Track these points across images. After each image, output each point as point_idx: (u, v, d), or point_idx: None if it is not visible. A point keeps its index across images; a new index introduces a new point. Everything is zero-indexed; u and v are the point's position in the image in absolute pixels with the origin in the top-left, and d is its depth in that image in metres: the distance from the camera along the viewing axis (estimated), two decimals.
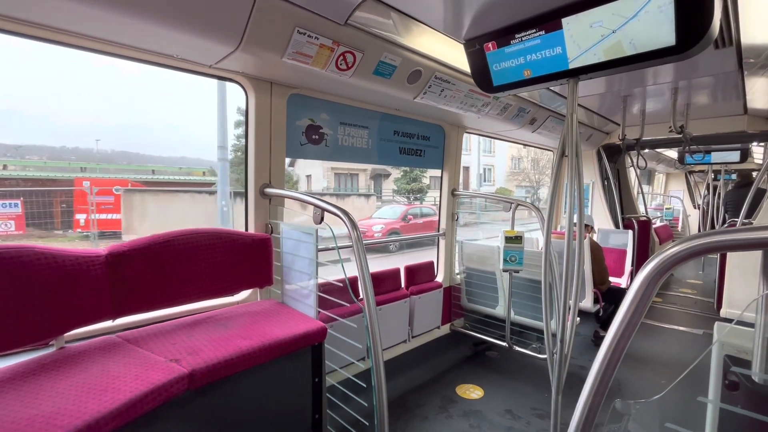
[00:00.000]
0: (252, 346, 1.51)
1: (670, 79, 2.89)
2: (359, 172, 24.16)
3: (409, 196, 23.07)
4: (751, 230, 0.68)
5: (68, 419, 1.03)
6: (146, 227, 9.88)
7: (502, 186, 31.61)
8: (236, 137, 19.46)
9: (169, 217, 10.30)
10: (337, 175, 23.53)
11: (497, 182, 32.05)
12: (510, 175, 32.69)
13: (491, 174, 32.13)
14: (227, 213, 6.81)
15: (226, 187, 6.63)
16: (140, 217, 10.21)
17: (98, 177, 13.13)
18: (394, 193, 24.02)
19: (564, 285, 1.71)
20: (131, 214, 10.17)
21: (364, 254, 1.59)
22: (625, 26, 1.41)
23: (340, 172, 23.33)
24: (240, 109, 19.30)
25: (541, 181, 30.97)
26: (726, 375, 1.05)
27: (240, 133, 19.45)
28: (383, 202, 21.27)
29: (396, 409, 2.66)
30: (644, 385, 3.09)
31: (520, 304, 3.26)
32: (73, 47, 1.59)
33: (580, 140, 4.09)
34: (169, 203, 10.84)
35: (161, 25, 1.42)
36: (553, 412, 1.82)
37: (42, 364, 1.32)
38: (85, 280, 1.44)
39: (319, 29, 1.72)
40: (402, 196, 23.23)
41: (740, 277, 3.90)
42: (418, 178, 23.59)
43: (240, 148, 19.57)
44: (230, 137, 19.96)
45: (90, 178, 12.01)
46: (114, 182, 11.67)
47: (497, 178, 32.38)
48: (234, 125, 19.56)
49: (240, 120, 19.40)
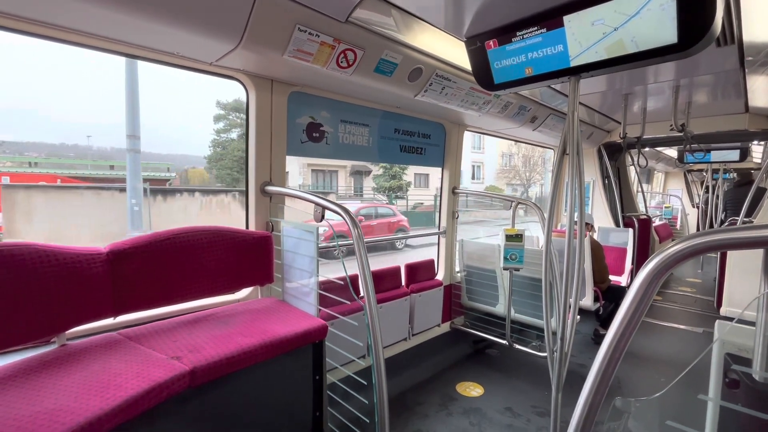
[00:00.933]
0: (253, 344, 1.52)
1: (672, 77, 2.88)
2: (338, 169, 22.88)
3: (390, 195, 21.99)
4: (751, 229, 0.68)
5: (70, 416, 1.03)
6: (35, 231, 8.28)
7: (492, 184, 30.67)
8: (216, 132, 19.25)
9: (67, 219, 8.66)
10: (315, 172, 22.07)
11: (486, 180, 31.13)
12: (500, 172, 31.87)
13: (480, 171, 31.23)
14: (138, 213, 5.88)
15: (138, 183, 5.78)
16: (26, 217, 8.39)
17: (33, 172, 11.83)
18: (374, 191, 22.88)
19: (564, 283, 1.71)
20: (13, 213, 8.27)
21: (365, 252, 1.59)
22: (627, 24, 1.40)
23: (317, 168, 21.95)
24: (220, 103, 19.15)
25: (532, 178, 30.47)
26: (726, 373, 1.05)
27: (220, 127, 19.20)
28: (363, 200, 20.46)
29: (396, 407, 2.66)
30: (644, 383, 3.09)
31: (520, 302, 3.27)
32: (74, 44, 1.59)
33: (581, 138, 4.08)
34: (61, 201, 8.92)
35: (162, 22, 1.42)
36: (553, 409, 1.82)
37: (44, 362, 1.32)
38: (86, 278, 1.45)
39: (319, 27, 1.72)
40: (383, 195, 22.10)
41: (740, 275, 3.90)
42: (397, 175, 22.48)
43: (219, 144, 19.39)
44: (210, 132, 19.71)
45: (27, 174, 10.91)
46: (40, 177, 10.40)
47: (486, 175, 31.52)
48: (214, 120, 19.31)
49: (220, 114, 19.20)
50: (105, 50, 1.67)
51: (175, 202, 10.79)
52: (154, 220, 9.69)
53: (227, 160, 18.85)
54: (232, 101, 19.31)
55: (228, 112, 19.30)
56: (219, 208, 11.65)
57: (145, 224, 6.52)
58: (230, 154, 18.90)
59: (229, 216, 11.35)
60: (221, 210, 11.59)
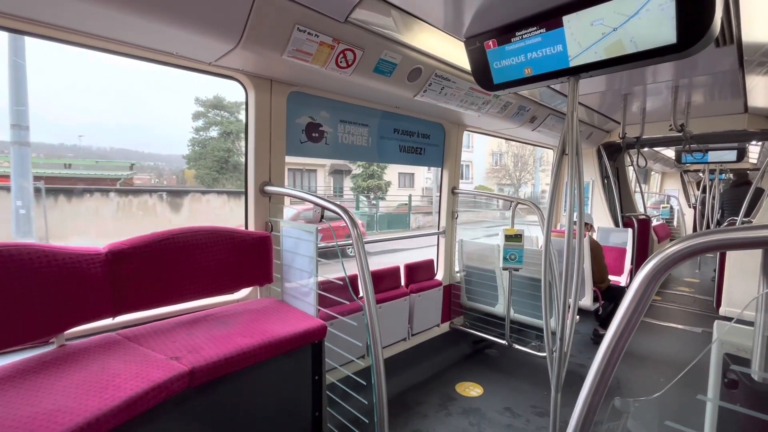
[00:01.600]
0: (252, 344, 1.52)
1: (671, 78, 2.88)
2: (317, 168, 21.49)
3: (369, 195, 20.68)
4: (750, 229, 0.68)
5: (69, 416, 1.03)
6: None
7: (481, 184, 29.70)
8: (195, 130, 18.27)
9: None
10: (291, 171, 20.37)
11: (476, 180, 30.03)
12: (490, 171, 30.96)
13: (469, 171, 30.10)
14: (26, 217, 4.97)
15: (27, 183, 4.90)
16: None
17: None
18: (353, 191, 21.23)
19: (564, 283, 1.71)
20: None
21: (364, 252, 1.59)
22: (626, 24, 1.40)
23: (293, 167, 20.22)
24: (199, 100, 18.18)
25: (522, 178, 29.93)
26: (725, 373, 1.05)
27: (199, 125, 18.15)
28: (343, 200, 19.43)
29: (396, 407, 2.66)
30: (643, 383, 3.10)
31: (519, 302, 3.27)
32: (71, 44, 1.59)
33: (581, 138, 4.09)
34: None
35: (160, 21, 1.42)
36: (553, 410, 1.82)
37: (43, 362, 1.32)
38: (84, 278, 1.44)
39: (319, 27, 1.72)
40: (364, 195, 20.65)
41: (740, 275, 3.90)
42: (375, 174, 21.01)
43: (199, 142, 18.43)
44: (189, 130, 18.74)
45: None
46: None
47: (476, 175, 30.48)
48: (192, 117, 18.30)
49: (199, 111, 18.04)
50: (103, 50, 1.67)
51: (84, 203, 9.77)
52: (54, 225, 8.58)
53: (208, 159, 17.97)
54: (212, 98, 18.34)
55: (207, 109, 18.33)
56: (142, 209, 10.61)
57: (39, 230, 5.45)
58: (210, 154, 18.03)
59: (147, 219, 10.19)
60: (145, 212, 10.53)
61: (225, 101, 18.50)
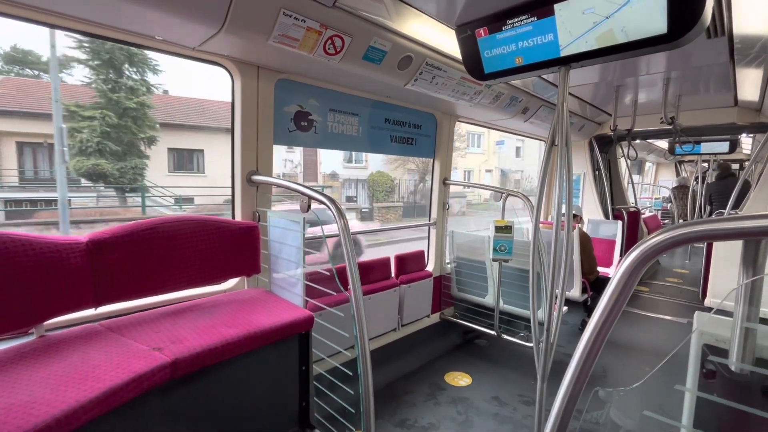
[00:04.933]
0: (237, 335, 1.50)
1: (663, 69, 2.88)
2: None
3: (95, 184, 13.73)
4: (732, 220, 0.68)
5: (45, 408, 1.01)
6: None
7: (380, 170, 23.35)
8: None
9: None
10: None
11: (372, 165, 23.86)
12: (391, 157, 27.99)
13: (362, 154, 24.76)
14: None
15: None
16: None
17: None
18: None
19: (551, 274, 1.72)
20: None
21: (351, 243, 1.58)
22: (617, 13, 1.38)
23: None
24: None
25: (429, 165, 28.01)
26: (704, 364, 1.06)
27: None
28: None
29: (384, 397, 2.68)
30: (629, 372, 3.15)
31: (509, 293, 3.29)
32: (51, 26, 1.53)
33: (572, 131, 4.08)
34: None
35: (139, 2, 1.37)
36: (538, 398, 1.84)
37: (21, 353, 1.30)
38: (64, 268, 1.41)
39: (305, 11, 1.67)
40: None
41: (725, 266, 3.97)
42: (106, 148, 14.46)
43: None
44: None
45: None
46: None
47: (371, 159, 24.30)
48: None
49: None
50: (83, 33, 1.62)
51: None
52: None
53: None
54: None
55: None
56: None
57: None
58: None
59: None
60: None
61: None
